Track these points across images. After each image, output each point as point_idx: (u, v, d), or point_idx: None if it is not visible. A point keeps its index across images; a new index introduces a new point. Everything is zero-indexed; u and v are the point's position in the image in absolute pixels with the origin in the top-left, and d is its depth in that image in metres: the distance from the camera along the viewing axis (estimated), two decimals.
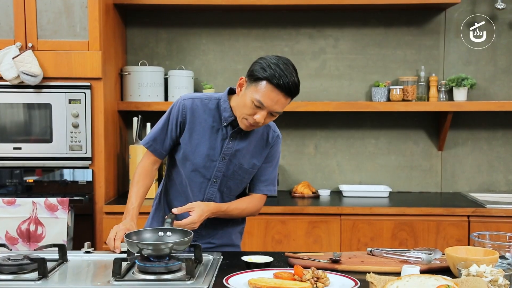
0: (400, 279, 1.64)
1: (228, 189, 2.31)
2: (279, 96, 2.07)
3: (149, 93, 3.73)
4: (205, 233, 2.35)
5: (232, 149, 2.25)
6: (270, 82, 2.05)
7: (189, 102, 2.27)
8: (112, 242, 2.13)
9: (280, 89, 2.05)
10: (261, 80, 2.06)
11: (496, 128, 3.94)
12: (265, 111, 2.09)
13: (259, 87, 2.07)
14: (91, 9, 3.30)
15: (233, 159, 2.26)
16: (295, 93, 2.11)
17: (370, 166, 3.99)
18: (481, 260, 1.80)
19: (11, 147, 3.35)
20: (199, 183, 2.29)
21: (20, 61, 3.21)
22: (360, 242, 3.33)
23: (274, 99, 2.07)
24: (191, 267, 1.85)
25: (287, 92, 2.07)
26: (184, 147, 2.27)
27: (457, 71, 3.89)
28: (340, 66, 3.96)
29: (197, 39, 3.95)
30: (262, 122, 2.13)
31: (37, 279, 1.84)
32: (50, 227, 3.18)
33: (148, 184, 2.35)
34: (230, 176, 2.28)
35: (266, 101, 2.07)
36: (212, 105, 2.26)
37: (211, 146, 2.25)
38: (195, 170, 2.27)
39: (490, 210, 3.33)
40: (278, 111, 2.11)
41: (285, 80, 2.05)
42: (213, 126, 2.25)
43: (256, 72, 2.08)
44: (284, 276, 1.81)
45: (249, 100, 2.10)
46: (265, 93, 2.06)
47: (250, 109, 2.10)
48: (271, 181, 2.38)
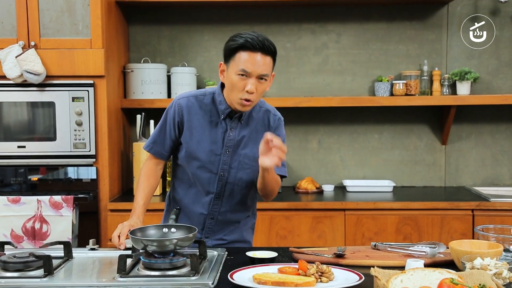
0: (404, 273, 1.64)
1: (240, 180, 2.30)
2: (257, 56, 2.11)
3: (152, 90, 3.73)
4: (217, 229, 2.35)
5: (234, 140, 2.26)
6: (244, 48, 2.11)
7: (184, 101, 2.29)
8: (116, 239, 2.14)
9: (255, 49, 2.11)
10: (235, 52, 2.13)
11: (499, 122, 3.94)
12: (253, 78, 2.12)
13: (236, 59, 2.13)
14: (93, 7, 3.30)
15: (237, 150, 2.27)
16: (270, 49, 2.14)
17: (373, 161, 3.99)
18: (485, 253, 1.80)
19: (15, 146, 3.36)
20: (207, 179, 2.29)
21: (23, 60, 3.22)
22: (364, 237, 3.34)
23: (254, 62, 2.11)
24: (196, 263, 1.86)
25: (263, 50, 2.12)
26: (186, 145, 2.28)
27: (460, 65, 3.89)
28: (342, 61, 3.96)
29: (199, 36, 3.95)
30: (255, 92, 2.13)
31: (43, 276, 1.85)
32: (55, 224, 3.20)
33: (153, 183, 2.37)
34: (238, 167, 2.28)
35: (248, 67, 2.11)
36: (207, 100, 2.28)
37: (212, 141, 2.26)
38: (201, 166, 2.28)
39: (494, 204, 3.32)
40: (265, 74, 2.13)
41: (257, 40, 2.11)
42: (211, 121, 2.26)
43: (228, 49, 2.16)
44: (288, 271, 1.82)
45: (234, 77, 2.13)
46: (244, 60, 2.11)
47: (239, 84, 2.13)
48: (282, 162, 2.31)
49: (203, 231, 2.34)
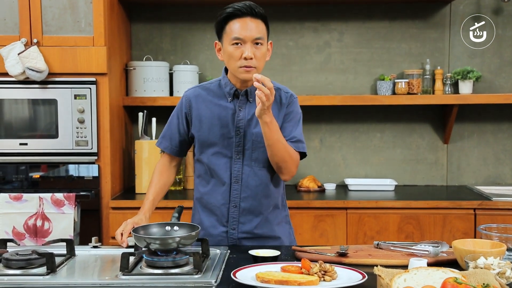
0: (408, 272, 1.64)
1: (256, 161, 2.25)
2: (247, 21, 2.14)
3: (154, 88, 3.73)
4: (243, 220, 2.29)
5: (244, 120, 2.24)
6: (232, 17, 2.15)
7: (191, 91, 2.33)
8: (119, 236, 2.14)
9: (244, 15, 2.14)
10: (225, 24, 2.16)
11: (502, 121, 3.93)
12: (247, 43, 2.13)
13: (227, 30, 2.16)
14: (95, 5, 3.30)
15: (248, 129, 2.24)
16: (258, 11, 2.16)
17: (375, 159, 3.99)
18: (489, 253, 1.80)
19: (17, 143, 3.36)
20: (223, 164, 2.26)
21: (25, 57, 3.22)
22: (366, 236, 3.33)
23: (245, 27, 2.13)
24: (199, 261, 1.85)
25: (252, 15, 2.15)
26: (198, 134, 2.28)
27: (463, 63, 3.88)
28: (345, 60, 3.95)
29: (202, 34, 3.95)
30: (253, 56, 2.13)
31: (46, 274, 1.85)
32: (57, 222, 3.20)
33: (165, 180, 2.38)
34: (252, 147, 2.24)
35: (240, 33, 2.13)
36: (214, 86, 2.30)
37: (223, 124, 2.25)
38: (215, 153, 2.26)
39: (496, 203, 3.32)
40: (258, 36, 2.14)
41: (244, 6, 2.15)
42: (219, 105, 2.26)
43: (218, 23, 2.19)
44: (291, 269, 1.81)
45: (229, 48, 2.16)
46: (235, 29, 2.14)
47: (235, 53, 2.14)
48: (298, 138, 2.29)
49: (227, 222, 2.29)
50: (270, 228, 2.33)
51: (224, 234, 2.29)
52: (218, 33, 2.21)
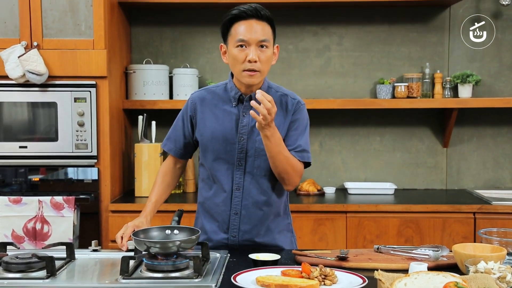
0: (408, 276, 1.64)
1: (258, 168, 2.22)
2: (252, 23, 2.12)
3: (154, 91, 3.73)
4: (244, 228, 2.25)
5: (248, 126, 2.21)
6: (238, 19, 2.13)
7: (197, 94, 2.32)
8: (119, 239, 2.14)
9: (249, 17, 2.12)
10: (230, 26, 2.15)
11: (501, 125, 3.94)
12: (252, 46, 2.11)
13: (232, 32, 2.14)
14: (96, 8, 3.30)
15: (252, 136, 2.20)
16: (264, 14, 2.14)
17: (375, 163, 3.99)
18: (489, 257, 1.80)
19: (16, 146, 3.35)
20: (224, 170, 2.23)
21: (25, 60, 3.22)
22: (366, 240, 3.33)
23: (250, 29, 2.11)
24: (199, 265, 1.85)
25: (257, 17, 2.13)
26: (201, 138, 2.27)
27: (462, 67, 3.89)
28: (344, 64, 3.96)
29: (202, 37, 3.95)
30: (258, 59, 2.11)
31: (45, 277, 1.84)
32: (56, 225, 3.19)
33: (169, 181, 2.38)
34: (255, 154, 2.21)
35: (245, 35, 2.11)
36: (220, 90, 2.28)
37: (226, 130, 2.22)
38: (217, 158, 2.23)
39: (496, 207, 3.32)
40: (264, 39, 2.12)
41: (249, 8, 2.12)
42: (224, 109, 2.24)
43: (224, 26, 2.17)
44: (292, 273, 1.81)
45: (234, 50, 2.14)
46: (240, 31, 2.12)
47: (239, 56, 2.12)
48: (303, 148, 2.23)
49: (228, 229, 2.26)
50: (271, 236, 2.30)
51: (225, 241, 2.27)
52: (224, 36, 2.19)
